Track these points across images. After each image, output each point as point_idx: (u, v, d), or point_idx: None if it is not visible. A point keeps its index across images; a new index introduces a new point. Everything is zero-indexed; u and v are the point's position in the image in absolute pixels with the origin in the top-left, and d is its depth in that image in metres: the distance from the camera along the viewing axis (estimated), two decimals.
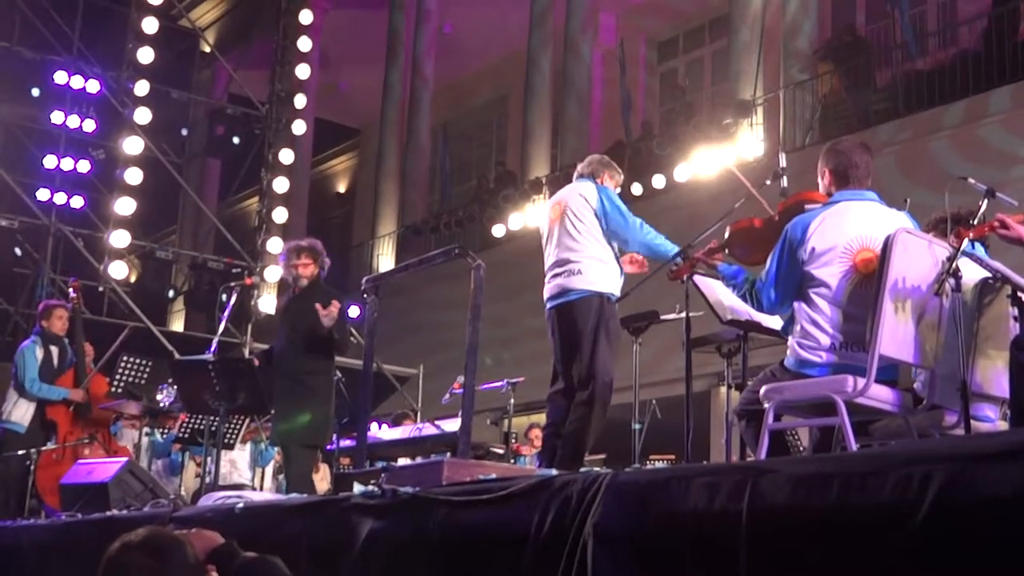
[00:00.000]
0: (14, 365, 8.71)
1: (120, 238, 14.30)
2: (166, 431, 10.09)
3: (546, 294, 6.02)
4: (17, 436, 8.49)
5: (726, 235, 4.79)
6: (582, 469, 4.18)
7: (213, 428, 7.40)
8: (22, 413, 8.57)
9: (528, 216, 15.91)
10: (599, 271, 5.87)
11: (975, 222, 4.19)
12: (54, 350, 8.79)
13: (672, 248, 5.72)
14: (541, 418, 13.56)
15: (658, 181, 14.31)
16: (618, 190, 6.22)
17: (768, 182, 5.05)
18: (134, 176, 14.68)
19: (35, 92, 15.74)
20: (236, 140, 16.51)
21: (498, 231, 16.51)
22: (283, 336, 7.31)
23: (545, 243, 6.14)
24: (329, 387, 7.22)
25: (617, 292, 5.89)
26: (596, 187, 6.04)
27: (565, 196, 6.10)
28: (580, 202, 5.97)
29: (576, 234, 5.91)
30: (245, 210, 22.40)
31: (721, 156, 13.29)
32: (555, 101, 17.18)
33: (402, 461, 8.27)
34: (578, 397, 5.79)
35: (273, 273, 15.53)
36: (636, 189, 14.22)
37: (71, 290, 9.37)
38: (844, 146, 4.55)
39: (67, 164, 15.99)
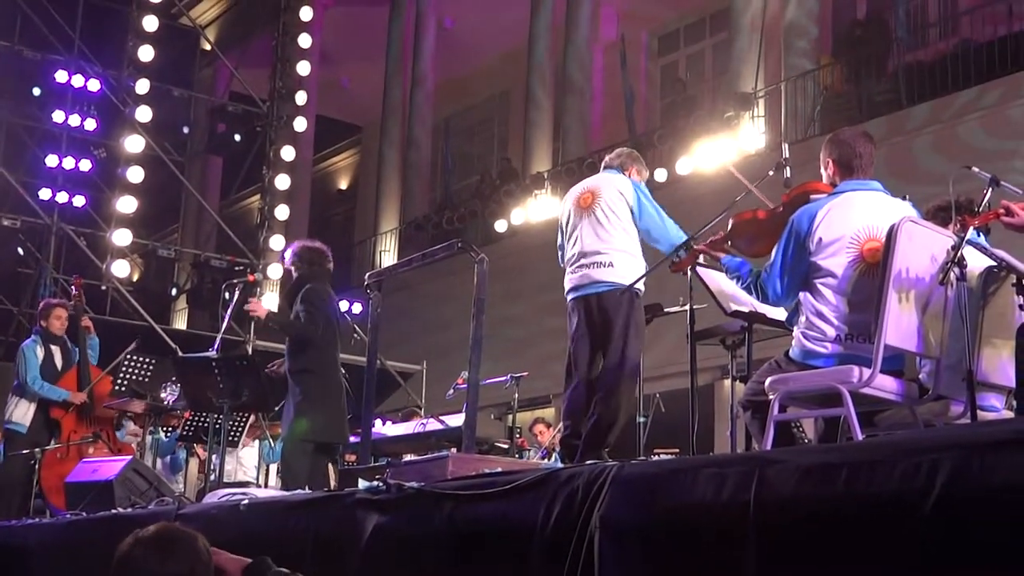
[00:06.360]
0: (15, 364, 8.63)
1: (122, 237, 14.31)
2: (169, 430, 10.08)
3: (570, 283, 5.98)
4: (19, 436, 8.39)
5: (729, 227, 4.76)
6: (587, 462, 4.17)
7: (217, 426, 7.39)
8: (23, 413, 8.44)
9: (530, 211, 15.89)
10: (629, 265, 5.84)
11: (980, 210, 4.17)
12: (55, 350, 8.67)
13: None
14: (545, 413, 13.60)
15: (660, 175, 14.26)
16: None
17: (771, 172, 5.02)
18: (136, 175, 14.68)
19: (36, 91, 15.76)
20: (237, 138, 16.52)
21: (500, 226, 16.48)
22: None
23: (566, 232, 6.09)
24: (322, 385, 7.02)
25: (642, 287, 5.86)
26: (632, 183, 6.01)
27: (598, 185, 6.06)
28: (615, 195, 5.94)
29: (608, 225, 5.88)
30: (247, 208, 22.40)
31: (722, 150, 13.27)
32: (556, 95, 17.16)
33: (406, 457, 8.25)
34: (605, 390, 5.77)
35: (276, 270, 15.56)
36: None
37: (73, 288, 9.25)
38: (847, 136, 4.52)
39: (69, 163, 16.02)
